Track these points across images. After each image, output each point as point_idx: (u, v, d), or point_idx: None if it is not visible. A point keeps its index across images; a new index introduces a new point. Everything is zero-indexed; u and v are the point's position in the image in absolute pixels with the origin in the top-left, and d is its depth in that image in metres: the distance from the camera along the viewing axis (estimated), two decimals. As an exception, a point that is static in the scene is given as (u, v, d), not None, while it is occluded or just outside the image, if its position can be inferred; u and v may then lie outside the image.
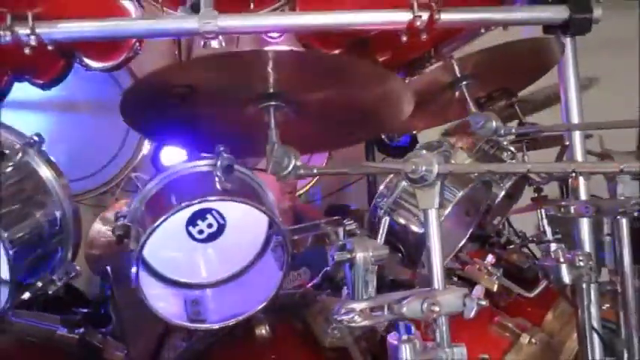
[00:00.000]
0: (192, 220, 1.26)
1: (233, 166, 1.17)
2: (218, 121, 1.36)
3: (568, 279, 1.39)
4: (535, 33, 1.63)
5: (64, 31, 1.40)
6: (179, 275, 1.31)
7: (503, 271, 1.62)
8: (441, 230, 1.05)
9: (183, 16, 1.46)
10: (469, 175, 1.40)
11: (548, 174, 1.39)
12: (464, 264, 1.64)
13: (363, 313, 0.99)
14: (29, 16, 1.35)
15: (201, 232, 1.27)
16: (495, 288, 1.55)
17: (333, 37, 1.70)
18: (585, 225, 1.54)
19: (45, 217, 1.19)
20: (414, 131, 2.44)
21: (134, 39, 1.64)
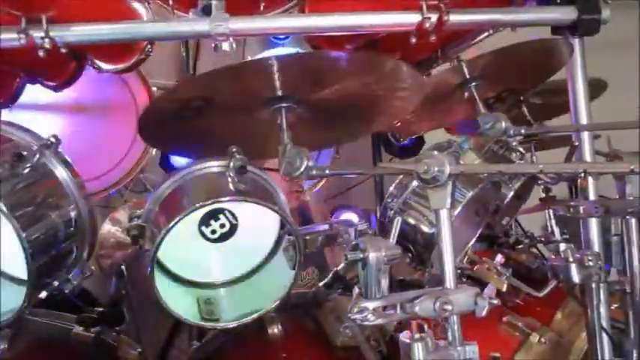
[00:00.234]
0: (205, 221, 1.28)
1: (246, 167, 1.19)
2: (229, 128, 1.38)
3: (577, 278, 1.40)
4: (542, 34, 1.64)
5: (77, 34, 1.41)
6: (192, 275, 1.32)
7: (511, 271, 1.63)
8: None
9: (194, 19, 1.47)
10: (478, 176, 1.41)
11: (557, 174, 1.39)
12: (473, 264, 1.65)
13: (376, 311, 1.00)
14: (43, 20, 1.37)
15: (214, 232, 1.29)
16: (505, 288, 1.56)
17: (341, 39, 1.71)
18: (594, 225, 1.54)
19: (61, 217, 1.20)
20: (421, 132, 2.46)
21: (145, 41, 1.66)
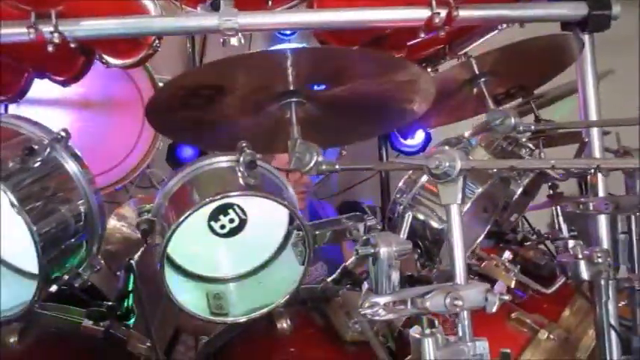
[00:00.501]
0: (215, 216, 1.27)
1: (256, 162, 1.19)
2: (238, 120, 1.38)
3: (586, 275, 1.40)
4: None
5: (86, 29, 1.41)
6: (201, 269, 1.32)
7: (519, 268, 1.62)
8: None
9: (203, 14, 1.47)
10: (487, 172, 1.41)
11: (567, 170, 1.39)
12: (480, 260, 1.65)
13: (386, 306, 1.00)
14: (52, 14, 1.37)
15: (223, 227, 1.29)
16: (513, 284, 1.56)
17: (348, 35, 1.71)
18: (603, 222, 1.55)
19: (71, 211, 1.20)
20: (428, 128, 2.46)
21: (153, 37, 1.66)
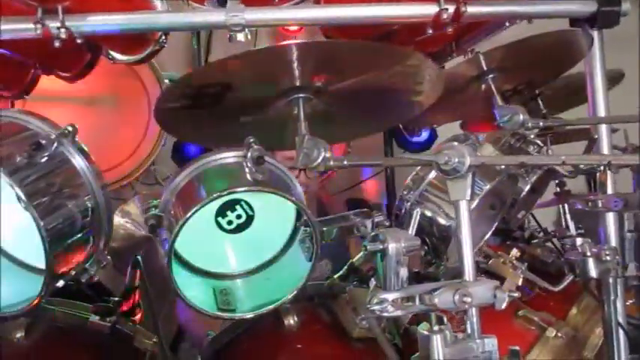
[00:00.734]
0: (222, 211, 1.27)
1: (264, 158, 1.18)
2: (246, 116, 1.37)
3: (595, 273, 1.40)
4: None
5: (93, 24, 1.41)
6: (208, 265, 1.32)
7: (527, 266, 1.62)
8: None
9: (210, 10, 1.47)
10: (495, 169, 1.40)
11: (575, 167, 1.38)
12: (487, 258, 1.64)
13: (395, 303, 1.00)
14: (59, 10, 1.37)
15: (230, 222, 1.29)
16: (520, 282, 1.55)
17: (355, 31, 1.70)
18: (611, 219, 1.54)
19: (78, 206, 1.20)
20: (434, 125, 2.45)
21: (160, 32, 1.66)
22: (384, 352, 1.32)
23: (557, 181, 1.88)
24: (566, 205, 1.82)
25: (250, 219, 1.29)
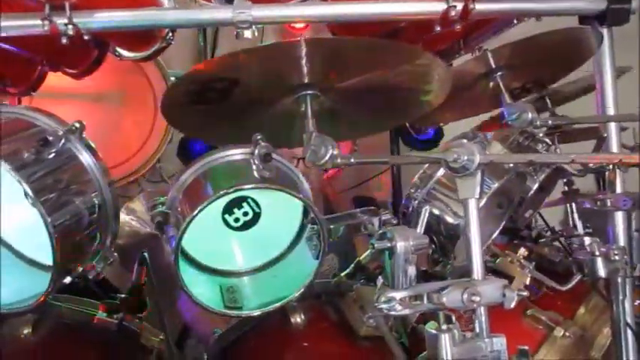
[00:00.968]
0: (229, 209, 1.27)
1: (271, 155, 1.18)
2: (253, 113, 1.37)
3: (603, 272, 1.39)
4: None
5: (100, 21, 1.41)
6: (215, 263, 1.32)
7: (534, 265, 1.61)
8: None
9: (217, 6, 1.46)
10: (503, 167, 1.39)
11: (584, 166, 1.37)
12: (495, 256, 1.63)
13: (403, 301, 0.99)
14: (67, 6, 1.37)
15: (237, 220, 1.28)
16: (528, 281, 1.55)
17: (363, 28, 1.69)
18: (620, 218, 1.53)
19: (85, 203, 1.20)
20: (441, 124, 2.43)
21: (166, 29, 1.66)
22: (391, 350, 1.31)
23: (565, 180, 1.87)
24: (574, 204, 1.81)
25: (257, 216, 1.29)
